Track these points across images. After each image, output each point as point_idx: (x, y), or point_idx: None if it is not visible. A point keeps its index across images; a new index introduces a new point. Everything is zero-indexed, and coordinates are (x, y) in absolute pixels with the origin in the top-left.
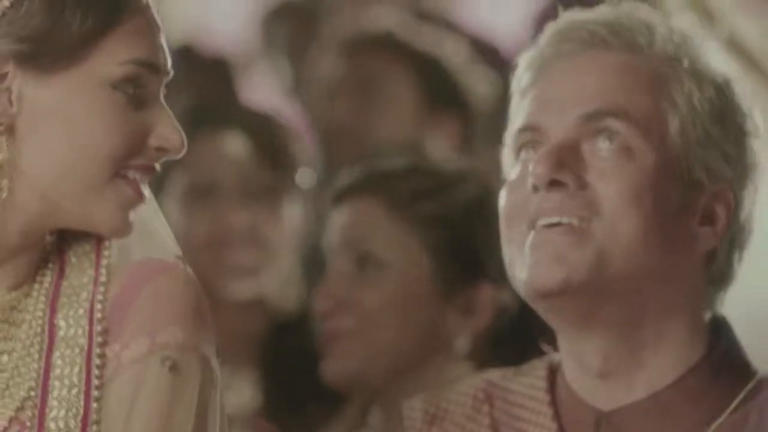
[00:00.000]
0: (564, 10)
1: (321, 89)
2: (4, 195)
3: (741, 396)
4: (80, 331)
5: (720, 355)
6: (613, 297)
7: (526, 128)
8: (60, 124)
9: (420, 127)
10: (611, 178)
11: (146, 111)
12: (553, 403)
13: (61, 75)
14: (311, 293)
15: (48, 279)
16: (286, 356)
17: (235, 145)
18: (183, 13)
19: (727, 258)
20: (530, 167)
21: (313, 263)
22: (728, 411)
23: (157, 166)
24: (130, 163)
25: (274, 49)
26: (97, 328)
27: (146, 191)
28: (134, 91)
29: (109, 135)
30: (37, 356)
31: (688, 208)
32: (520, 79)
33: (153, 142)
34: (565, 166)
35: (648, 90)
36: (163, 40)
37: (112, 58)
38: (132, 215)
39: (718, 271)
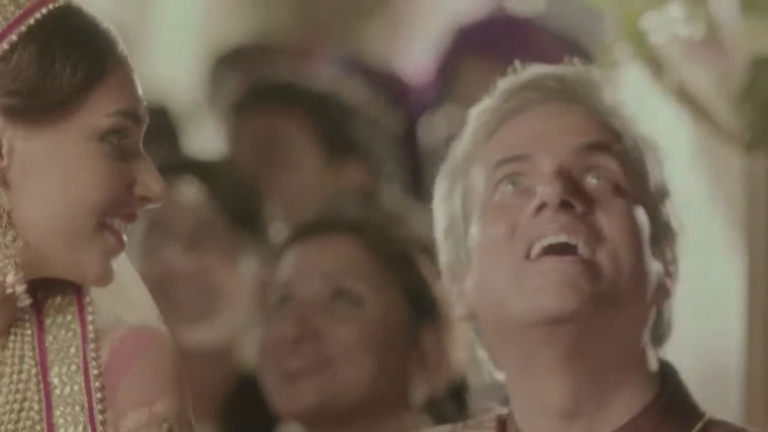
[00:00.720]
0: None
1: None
2: (20, 243)
3: None
4: (77, 388)
5: (669, 396)
6: (606, 331)
7: (513, 159)
8: (49, 175)
9: (327, 177)
10: (610, 210)
11: (129, 161)
12: None
13: (51, 128)
14: None
15: (27, 332)
16: (249, 411)
17: (187, 191)
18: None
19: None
20: (538, 190)
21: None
22: None
23: (137, 214)
24: (115, 212)
25: (217, 100)
26: (96, 384)
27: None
28: (119, 142)
29: (96, 186)
30: (37, 417)
31: (654, 250)
32: (476, 128)
33: (136, 191)
34: (576, 191)
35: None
36: (139, 90)
37: (100, 110)
38: (114, 264)
39: (665, 312)
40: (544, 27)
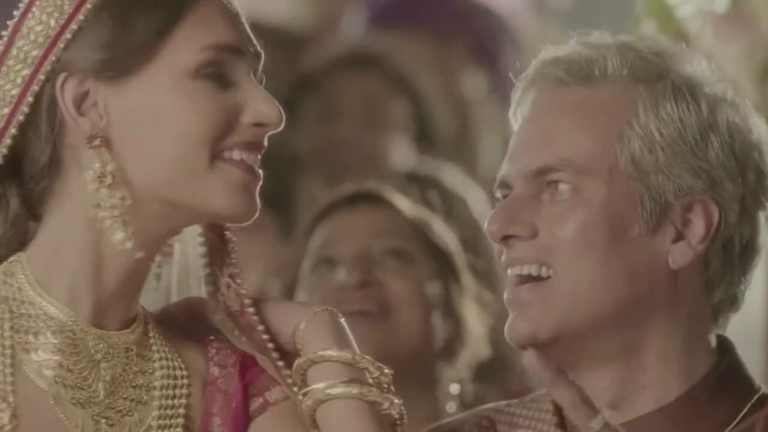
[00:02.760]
0: None
1: None
2: (129, 202)
3: (746, 408)
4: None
5: (723, 371)
6: (592, 336)
7: (499, 184)
8: (149, 123)
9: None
10: (562, 223)
11: (235, 91)
12: (561, 425)
13: (140, 75)
14: None
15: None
16: None
17: None
18: None
19: (723, 272)
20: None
21: None
22: (735, 421)
23: (265, 142)
24: (229, 143)
25: None
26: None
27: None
28: (218, 74)
29: (195, 121)
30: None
31: (657, 229)
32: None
33: (246, 119)
34: (516, 219)
35: (596, 127)
36: (244, 24)
37: (186, 48)
38: (252, 196)
39: (716, 288)
40: None
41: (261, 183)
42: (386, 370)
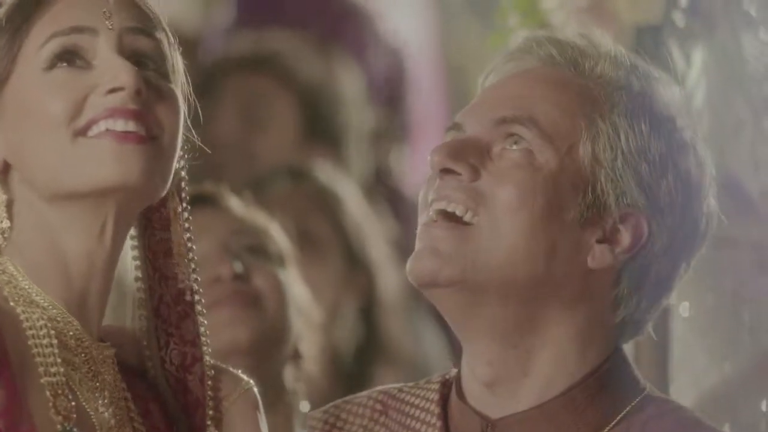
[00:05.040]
0: None
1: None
2: (5, 197)
3: (625, 410)
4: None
5: (606, 371)
6: (493, 297)
7: (451, 127)
8: (22, 122)
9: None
10: (506, 177)
11: (93, 69)
12: (443, 415)
13: (9, 81)
14: None
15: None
16: None
17: None
18: None
19: (630, 294)
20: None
21: None
22: (610, 425)
23: (132, 106)
24: (89, 118)
25: None
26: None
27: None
28: (74, 58)
29: (48, 105)
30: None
31: (587, 223)
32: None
33: (101, 89)
34: (461, 157)
35: (570, 105)
36: (108, 2)
37: (37, 42)
38: (131, 161)
39: (622, 306)
40: None
41: (154, 146)
42: None
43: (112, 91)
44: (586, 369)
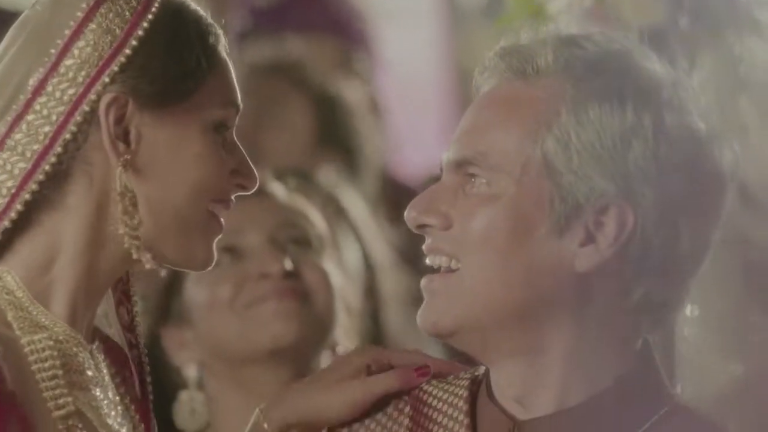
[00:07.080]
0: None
1: None
2: (143, 229)
3: (652, 420)
4: None
5: (635, 379)
6: (493, 329)
7: (441, 170)
8: (172, 164)
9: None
10: (471, 215)
11: (229, 151)
12: (471, 413)
13: (176, 118)
14: None
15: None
16: None
17: None
18: None
19: (639, 278)
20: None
21: None
22: None
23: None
24: (221, 199)
25: None
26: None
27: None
28: (225, 132)
29: (211, 175)
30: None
31: (566, 231)
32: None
33: (235, 180)
34: (432, 209)
35: (516, 125)
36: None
37: (215, 101)
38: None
39: (632, 293)
40: None
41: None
42: None
43: (240, 186)
44: (607, 373)
